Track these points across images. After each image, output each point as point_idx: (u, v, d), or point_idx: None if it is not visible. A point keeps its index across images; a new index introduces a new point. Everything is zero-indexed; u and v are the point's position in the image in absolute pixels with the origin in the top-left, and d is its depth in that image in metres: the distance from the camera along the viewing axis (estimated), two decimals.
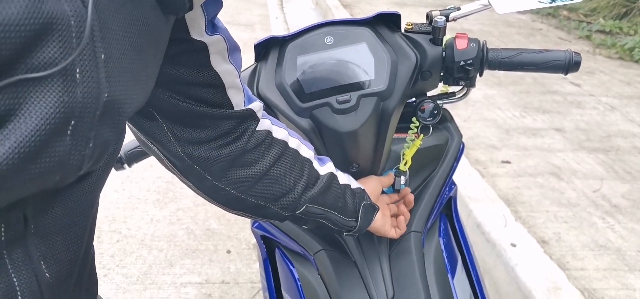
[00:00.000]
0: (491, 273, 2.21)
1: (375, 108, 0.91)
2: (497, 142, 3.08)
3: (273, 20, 6.12)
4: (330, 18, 6.20)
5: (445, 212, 1.19)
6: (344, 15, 5.76)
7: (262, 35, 5.68)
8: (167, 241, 2.33)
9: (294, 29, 6.23)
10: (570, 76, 4.09)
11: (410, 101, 1.04)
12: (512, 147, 3.03)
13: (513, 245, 2.17)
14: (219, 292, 2.06)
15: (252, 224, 1.20)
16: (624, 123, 3.44)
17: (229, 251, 2.28)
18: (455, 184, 1.18)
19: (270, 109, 0.94)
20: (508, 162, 2.86)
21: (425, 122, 1.01)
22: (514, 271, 2.07)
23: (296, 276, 1.07)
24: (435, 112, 1.01)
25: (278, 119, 0.95)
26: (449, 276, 1.03)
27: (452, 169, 1.11)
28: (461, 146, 1.14)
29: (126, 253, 2.24)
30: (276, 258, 1.15)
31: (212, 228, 2.42)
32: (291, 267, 1.10)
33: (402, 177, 1.03)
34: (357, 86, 0.91)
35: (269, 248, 1.18)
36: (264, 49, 0.98)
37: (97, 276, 0.67)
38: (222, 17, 0.63)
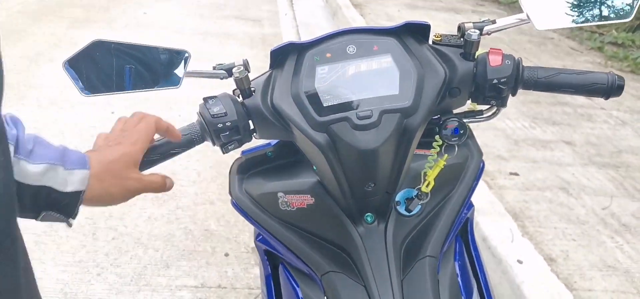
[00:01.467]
0: (496, 289, 2.14)
1: (397, 125, 0.84)
2: (505, 152, 3.01)
3: (282, 17, 6.06)
4: (340, 17, 6.18)
5: (461, 234, 1.12)
6: (354, 14, 5.69)
7: (270, 31, 5.64)
8: (164, 240, 2.28)
9: (303, 26, 6.12)
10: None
11: (434, 117, 0.97)
12: (521, 159, 2.96)
13: (519, 262, 2.11)
14: (215, 297, 2.00)
15: (256, 238, 1.14)
16: (634, 139, 3.36)
17: (227, 254, 2.23)
18: (472, 205, 1.11)
19: (284, 121, 0.88)
20: (516, 174, 2.79)
21: (449, 143, 0.94)
22: (520, 289, 2.00)
23: (300, 296, 1.01)
24: (462, 132, 0.94)
25: (293, 133, 0.90)
26: None
27: (471, 189, 1.04)
28: (481, 164, 1.08)
29: (121, 252, 2.18)
30: (279, 274, 1.09)
31: (211, 229, 2.37)
32: (295, 286, 1.03)
33: (421, 199, 0.96)
34: (380, 101, 0.85)
35: (272, 263, 1.12)
36: (280, 55, 0.92)
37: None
38: (231, 11, 0.56)
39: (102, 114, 3.21)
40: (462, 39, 0.93)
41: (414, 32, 0.92)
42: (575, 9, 0.94)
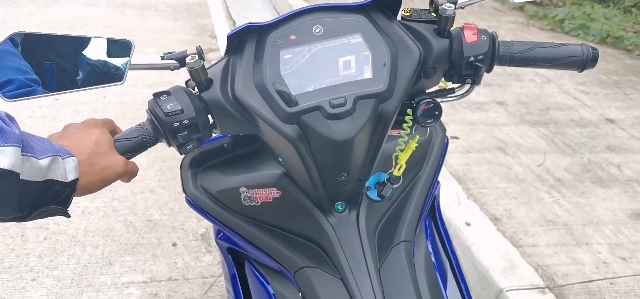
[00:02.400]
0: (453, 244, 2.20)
1: (373, 112, 0.78)
2: (444, 117, 3.07)
3: None
4: None
5: (429, 212, 1.10)
6: None
7: (195, 0, 5.35)
8: (103, 235, 2.12)
9: (232, 1, 5.86)
10: None
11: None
12: (459, 123, 3.03)
13: (467, 224, 2.16)
14: (167, 290, 1.89)
15: (217, 235, 1.06)
16: (559, 95, 3.55)
17: (174, 244, 2.11)
18: (438, 183, 1.09)
19: (249, 114, 0.79)
20: (456, 137, 2.86)
21: (424, 125, 0.89)
22: (470, 251, 2.06)
23: (271, 292, 0.95)
24: (436, 113, 0.89)
25: (259, 127, 0.81)
26: (442, 288, 0.95)
27: (439, 167, 1.02)
28: (446, 141, 1.05)
29: (56, 252, 2.01)
30: (247, 273, 1.02)
31: (154, 219, 2.23)
32: (265, 283, 0.97)
33: (394, 183, 0.91)
34: (353, 86, 0.78)
35: (236, 262, 1.05)
36: (237, 39, 0.83)
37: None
38: None
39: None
40: (433, 14, 0.88)
41: (383, 8, 0.86)
42: None
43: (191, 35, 4.48)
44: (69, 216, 0.72)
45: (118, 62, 0.83)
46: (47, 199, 0.66)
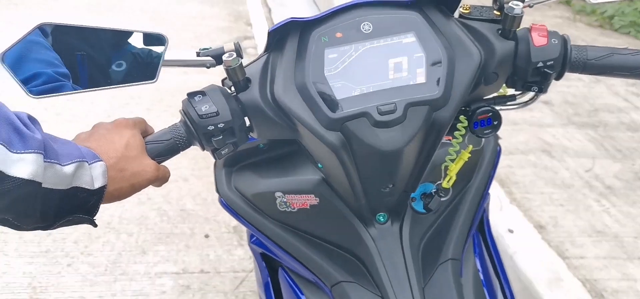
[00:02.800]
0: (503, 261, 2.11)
1: (425, 120, 0.71)
2: None
3: None
4: None
5: (477, 227, 1.02)
6: None
7: None
8: (137, 224, 2.11)
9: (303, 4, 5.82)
10: None
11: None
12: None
13: (510, 231, 2.07)
14: (199, 283, 1.87)
15: (250, 239, 1.01)
16: (609, 97, 3.37)
17: (207, 236, 2.09)
18: (489, 195, 1.01)
19: (289, 119, 0.73)
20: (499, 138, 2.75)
21: (481, 136, 0.81)
22: (513, 260, 1.97)
23: None
24: (495, 123, 0.81)
25: (299, 132, 0.75)
26: None
27: (490, 178, 0.94)
28: (498, 149, 0.97)
29: (91, 239, 2.01)
30: (280, 280, 0.96)
31: (187, 209, 2.21)
32: (299, 295, 0.92)
33: (442, 196, 0.84)
34: (404, 91, 0.71)
35: (270, 267, 1.00)
36: (278, 35, 0.76)
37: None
38: None
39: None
40: (498, 12, 0.79)
41: (439, 4, 0.78)
42: None
43: (227, 22, 4.46)
44: (95, 226, 0.67)
45: (151, 58, 0.78)
46: (72, 207, 0.62)
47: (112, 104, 2.90)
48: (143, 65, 0.81)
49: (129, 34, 0.79)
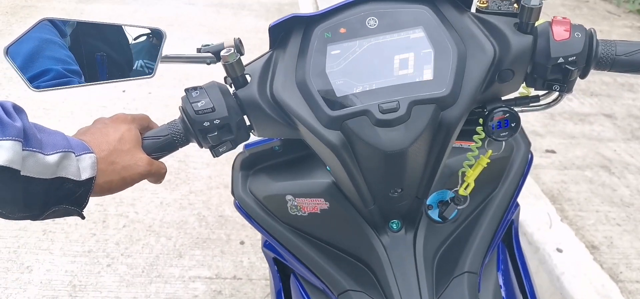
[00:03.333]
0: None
1: (432, 120, 0.67)
2: (540, 128, 2.80)
3: None
4: None
5: (504, 238, 0.95)
6: None
7: (287, 0, 5.42)
8: (176, 227, 2.16)
9: (323, 2, 5.86)
10: None
11: (477, 107, 0.79)
12: (557, 135, 2.74)
13: (559, 250, 1.93)
14: (230, 289, 1.88)
15: (263, 244, 0.99)
16: None
17: (242, 242, 2.10)
18: (518, 205, 0.94)
19: (288, 116, 0.71)
20: (553, 151, 2.59)
21: (497, 139, 0.76)
22: (560, 281, 1.83)
23: None
24: (513, 125, 0.75)
25: (297, 130, 0.73)
26: None
27: (518, 188, 0.87)
28: (529, 157, 0.90)
29: (132, 241, 2.07)
30: (291, 286, 0.94)
31: (226, 215, 2.24)
32: None
33: (459, 204, 0.78)
34: (409, 89, 0.67)
35: (282, 272, 0.98)
36: (282, 32, 0.75)
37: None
38: None
39: (112, 92, 3.09)
40: (515, 5, 0.74)
41: None
42: None
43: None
44: (83, 218, 0.67)
45: (149, 53, 0.79)
46: (58, 198, 0.62)
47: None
48: (141, 60, 0.82)
49: (125, 28, 0.81)
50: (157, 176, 0.75)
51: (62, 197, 0.63)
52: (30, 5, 4.49)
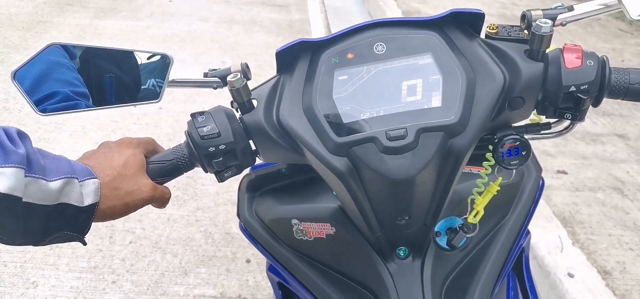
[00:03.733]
0: None
1: (440, 148, 0.65)
2: (550, 148, 2.76)
3: (310, 2, 5.86)
4: (371, 1, 5.89)
5: (514, 267, 0.93)
6: None
7: (298, 17, 5.45)
8: (183, 244, 2.15)
9: (332, 12, 5.87)
10: None
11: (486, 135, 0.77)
12: (569, 155, 2.71)
13: (570, 275, 1.89)
14: None
15: (268, 268, 0.98)
16: None
17: (248, 261, 2.09)
18: (529, 233, 0.92)
19: (294, 142, 0.70)
20: (564, 172, 2.55)
21: (507, 167, 0.74)
22: None
23: None
24: (524, 153, 0.73)
25: (304, 156, 0.72)
26: None
27: (529, 215, 0.85)
28: (540, 183, 0.88)
29: (138, 257, 2.07)
30: None
31: (233, 233, 2.23)
32: None
33: (468, 232, 0.76)
34: (417, 115, 0.66)
35: (287, 297, 0.96)
36: (290, 57, 0.74)
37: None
38: None
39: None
40: (526, 31, 0.73)
41: (462, 24, 0.73)
42: None
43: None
44: (84, 244, 0.67)
45: (156, 77, 0.79)
46: (60, 224, 0.62)
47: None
48: (149, 85, 0.82)
49: (134, 53, 0.81)
50: (161, 201, 0.75)
51: (64, 224, 0.63)
52: (46, 21, 4.56)
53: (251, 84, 0.75)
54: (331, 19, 5.47)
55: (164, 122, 3.02)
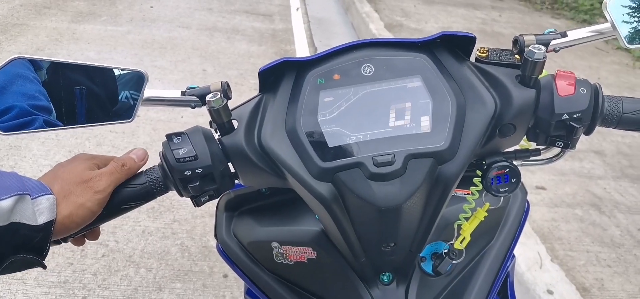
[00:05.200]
0: None
1: (429, 174, 0.63)
2: None
3: (293, 12, 5.85)
4: (354, 13, 5.91)
5: (500, 293, 0.91)
6: (368, 9, 5.46)
7: (281, 26, 5.43)
8: (158, 258, 2.09)
9: (315, 22, 5.86)
10: (609, 90, 3.78)
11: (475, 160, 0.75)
12: (547, 171, 2.73)
13: (550, 292, 1.89)
14: None
15: (245, 291, 0.94)
16: None
17: (225, 276, 2.04)
18: (514, 256, 0.90)
19: (276, 166, 0.67)
20: (543, 188, 2.57)
21: (496, 194, 0.71)
22: None
23: None
24: (513, 180, 0.71)
25: (286, 180, 0.68)
26: None
27: (515, 238, 0.83)
28: (526, 206, 0.86)
29: (111, 271, 2.00)
30: None
31: (210, 246, 2.18)
32: None
33: (454, 258, 0.74)
34: (405, 141, 0.64)
35: None
36: (273, 76, 0.71)
37: None
38: (240, 5, 0.36)
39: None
40: (517, 57, 0.71)
41: (452, 46, 0.70)
42: None
43: (271, 59, 4.51)
44: (44, 267, 0.62)
45: (129, 96, 0.75)
46: (14, 246, 0.57)
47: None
48: (121, 103, 0.78)
49: (107, 70, 0.77)
50: (127, 171, 0.70)
51: (18, 246, 0.58)
52: (22, 24, 4.45)
53: (232, 103, 0.72)
54: (314, 30, 5.47)
55: (141, 130, 2.96)
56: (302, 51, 4.82)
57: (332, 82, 0.67)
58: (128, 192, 0.70)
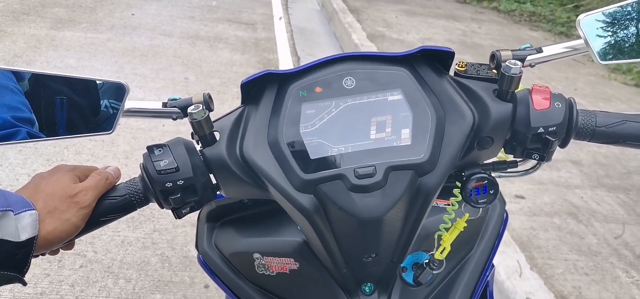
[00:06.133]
0: None
1: (409, 186, 0.64)
2: None
3: (276, 21, 5.86)
4: (336, 23, 5.95)
5: None
6: (351, 20, 5.49)
7: (264, 35, 5.43)
8: (137, 269, 2.06)
9: (298, 32, 5.86)
10: (585, 100, 3.86)
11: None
12: (526, 180, 2.77)
13: None
14: None
15: None
16: None
17: (207, 286, 2.02)
18: (493, 266, 0.91)
19: (258, 178, 0.67)
20: (522, 197, 2.60)
21: (475, 206, 0.73)
22: None
23: None
24: (492, 192, 0.72)
25: (268, 191, 0.69)
26: None
27: (494, 248, 0.85)
28: (505, 216, 0.88)
29: (89, 283, 1.97)
30: None
31: (191, 256, 2.16)
32: None
33: (434, 268, 0.75)
34: (386, 153, 0.65)
35: None
36: (255, 88, 0.71)
37: None
38: (223, 14, 0.36)
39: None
40: (495, 71, 0.72)
41: (432, 60, 0.72)
42: None
43: (256, 69, 4.51)
44: (25, 284, 0.61)
45: (110, 107, 0.74)
46: None
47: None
48: (102, 115, 0.77)
49: (89, 82, 0.76)
50: (105, 182, 0.70)
51: (2, 262, 0.57)
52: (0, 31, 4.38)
53: (215, 111, 0.72)
54: (297, 39, 5.49)
55: (120, 139, 2.92)
56: (284, 60, 4.83)
57: (314, 95, 0.68)
58: (108, 205, 0.69)
